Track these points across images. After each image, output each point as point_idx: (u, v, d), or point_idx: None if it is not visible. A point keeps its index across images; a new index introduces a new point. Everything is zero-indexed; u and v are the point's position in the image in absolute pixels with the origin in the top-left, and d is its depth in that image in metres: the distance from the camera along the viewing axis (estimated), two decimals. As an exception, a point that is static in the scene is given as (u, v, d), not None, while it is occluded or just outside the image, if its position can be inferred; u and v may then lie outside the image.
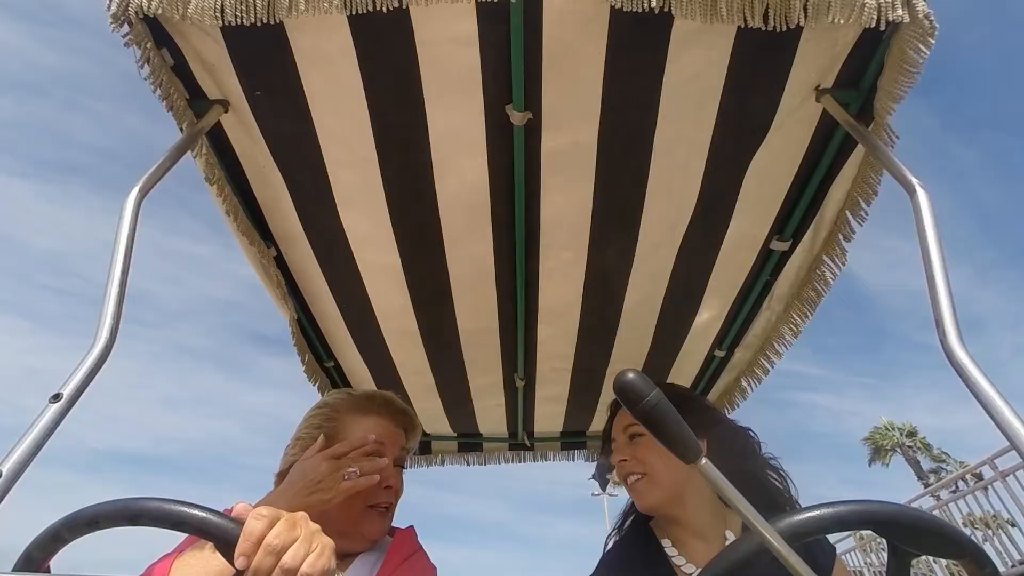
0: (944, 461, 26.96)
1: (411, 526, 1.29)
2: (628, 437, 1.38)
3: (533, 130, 1.29)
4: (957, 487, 7.76)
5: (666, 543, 1.31)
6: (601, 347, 2.00)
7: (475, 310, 1.77)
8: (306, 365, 2.02)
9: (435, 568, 1.22)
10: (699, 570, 1.24)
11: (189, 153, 1.25)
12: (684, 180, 1.40)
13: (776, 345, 1.93)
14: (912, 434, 27.72)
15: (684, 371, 2.21)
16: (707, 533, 1.28)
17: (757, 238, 1.60)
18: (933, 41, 0.99)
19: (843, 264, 1.54)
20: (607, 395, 2.29)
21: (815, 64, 1.16)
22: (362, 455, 1.13)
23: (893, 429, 28.05)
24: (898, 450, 27.46)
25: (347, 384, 2.24)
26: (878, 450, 28.11)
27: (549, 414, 2.51)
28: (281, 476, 1.20)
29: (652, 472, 1.31)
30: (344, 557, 1.12)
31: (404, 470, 1.29)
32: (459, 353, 1.98)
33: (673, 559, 1.28)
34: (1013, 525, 6.42)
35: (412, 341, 1.90)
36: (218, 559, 0.74)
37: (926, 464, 27.06)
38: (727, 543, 1.24)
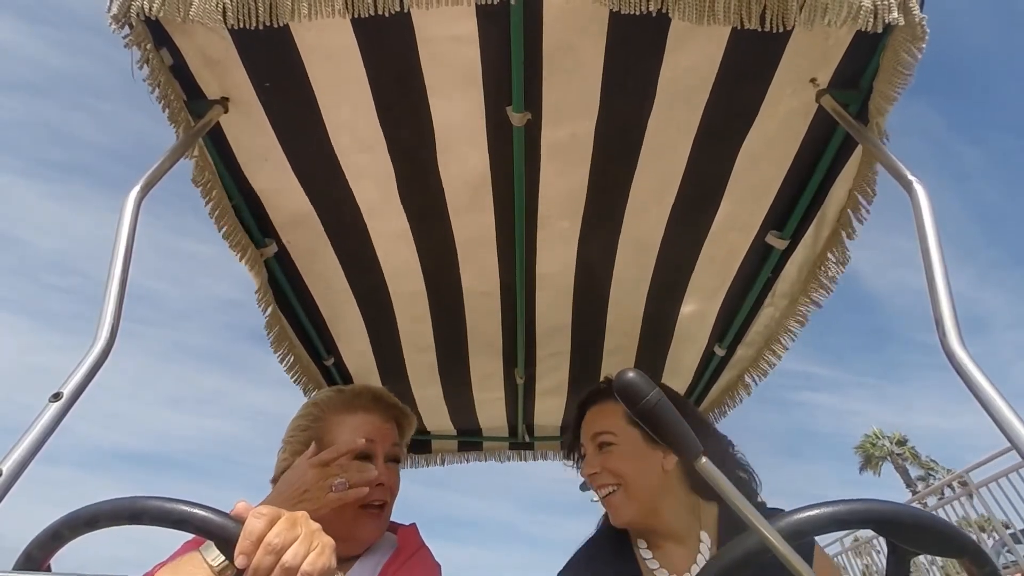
0: (933, 469, 27.12)
1: (413, 524, 1.29)
2: (597, 446, 1.30)
3: (533, 127, 1.31)
4: (944, 493, 7.81)
5: (641, 544, 1.27)
6: (596, 326, 2.03)
7: (477, 276, 1.80)
8: (301, 364, 2.01)
9: (439, 566, 1.21)
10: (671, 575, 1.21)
11: (190, 153, 1.26)
12: (675, 156, 1.42)
13: (781, 340, 1.94)
14: (902, 443, 28.00)
15: (683, 363, 2.22)
16: (683, 537, 1.23)
17: (750, 223, 1.61)
18: (924, 45, 1.01)
19: (846, 262, 1.56)
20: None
21: (808, 54, 1.17)
22: (351, 460, 1.11)
23: (882, 438, 28.20)
24: (888, 458, 27.66)
25: (349, 381, 2.24)
26: (868, 459, 28.37)
27: (549, 408, 2.51)
28: (275, 482, 1.19)
29: (626, 484, 1.23)
30: (343, 561, 1.12)
31: (399, 465, 1.26)
32: (463, 321, 1.99)
33: (647, 562, 1.24)
34: (1007, 528, 6.46)
35: (418, 303, 1.91)
36: (203, 571, 0.73)
37: (915, 472, 27.33)
38: (701, 543, 1.22)
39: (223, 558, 0.73)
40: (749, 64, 1.19)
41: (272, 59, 1.18)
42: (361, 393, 1.28)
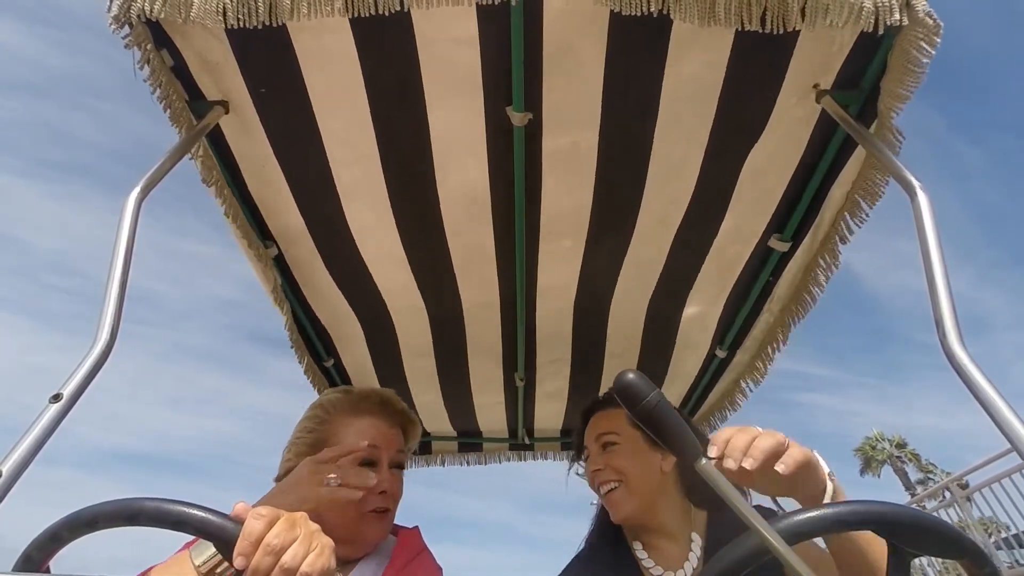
0: (932, 472, 27.14)
1: (416, 526, 1.28)
2: (601, 446, 1.36)
3: (533, 131, 1.30)
4: (944, 496, 7.82)
5: (637, 546, 1.31)
6: (598, 333, 2.03)
7: (477, 288, 1.79)
8: (305, 365, 2.02)
9: (440, 568, 1.20)
10: (664, 572, 1.24)
11: (191, 154, 1.26)
12: (681, 173, 1.41)
13: (770, 349, 1.94)
14: (901, 445, 28.05)
15: (684, 369, 2.22)
16: (676, 535, 1.29)
17: (753, 232, 1.61)
18: (938, 40, 0.99)
19: (836, 266, 1.54)
20: (606, 388, 2.29)
21: (812, 62, 1.16)
22: (352, 463, 1.09)
23: (883, 440, 28.18)
24: (888, 462, 27.75)
25: (348, 382, 2.23)
26: (868, 462, 28.38)
27: (549, 412, 2.51)
28: (278, 482, 1.19)
29: (627, 481, 1.29)
30: (345, 563, 1.11)
31: (403, 470, 1.25)
32: (462, 330, 1.98)
33: (643, 561, 1.28)
34: (1009, 531, 6.48)
35: (417, 315, 1.91)
36: (188, 571, 0.73)
37: (915, 475, 27.45)
38: (692, 543, 1.26)
39: (208, 559, 0.72)
40: (752, 71, 1.18)
41: (269, 63, 1.17)
42: (368, 396, 1.25)
